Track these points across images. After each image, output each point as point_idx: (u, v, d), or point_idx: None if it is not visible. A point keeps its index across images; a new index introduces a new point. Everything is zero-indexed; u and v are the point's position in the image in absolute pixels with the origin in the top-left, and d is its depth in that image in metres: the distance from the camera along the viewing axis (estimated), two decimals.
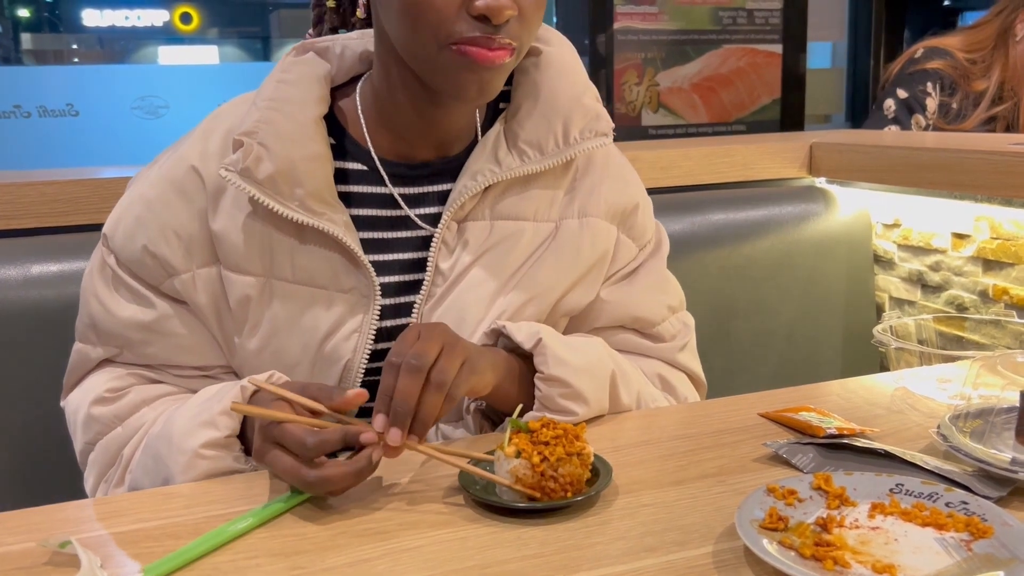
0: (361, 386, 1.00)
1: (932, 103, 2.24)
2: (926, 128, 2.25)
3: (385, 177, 1.02)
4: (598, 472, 0.84)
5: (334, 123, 1.02)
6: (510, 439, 0.82)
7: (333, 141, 1.01)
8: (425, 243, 1.03)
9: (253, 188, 0.94)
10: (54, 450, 1.01)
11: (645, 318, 1.11)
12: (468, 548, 0.74)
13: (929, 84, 2.24)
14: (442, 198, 1.03)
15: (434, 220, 1.03)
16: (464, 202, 1.01)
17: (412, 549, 0.74)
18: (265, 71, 1.02)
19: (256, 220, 0.97)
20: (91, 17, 10.00)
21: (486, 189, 1.02)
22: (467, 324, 1.00)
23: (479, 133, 1.06)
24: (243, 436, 0.92)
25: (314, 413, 0.83)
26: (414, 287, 1.02)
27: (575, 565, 0.70)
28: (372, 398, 1.03)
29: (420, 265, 1.02)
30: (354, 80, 1.05)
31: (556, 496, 0.79)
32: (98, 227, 1.04)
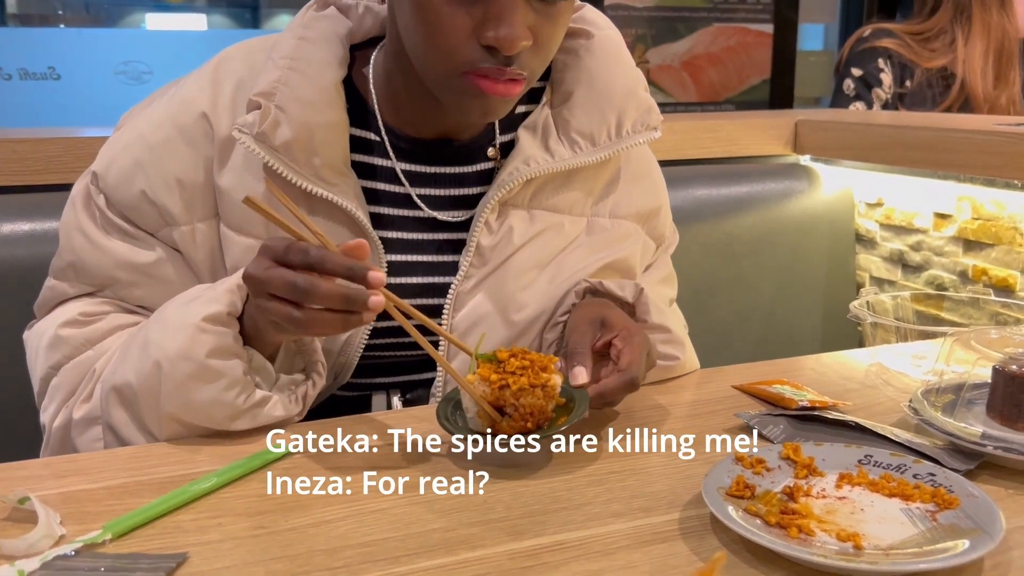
0: (360, 361, 0.98)
1: (887, 78, 2.32)
2: (888, 100, 2.32)
3: (391, 151, 0.99)
4: (574, 400, 0.83)
5: (350, 86, 0.99)
6: (475, 371, 0.82)
7: (348, 105, 0.97)
8: (423, 224, 1.00)
9: (268, 155, 0.90)
10: (25, 412, 1.00)
11: None
12: (434, 511, 0.73)
13: (880, 60, 2.33)
14: (448, 180, 1.01)
15: (434, 202, 1.00)
16: (513, 187, 0.98)
17: (378, 511, 0.73)
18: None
19: (264, 182, 0.93)
20: None
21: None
22: (508, 311, 0.99)
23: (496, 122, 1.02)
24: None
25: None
26: (417, 268, 0.99)
27: (539, 530, 0.70)
28: (370, 374, 1.00)
29: (421, 247, 1.00)
30: (370, 42, 1.01)
31: (516, 426, 0.79)
32: (71, 186, 1.01)
